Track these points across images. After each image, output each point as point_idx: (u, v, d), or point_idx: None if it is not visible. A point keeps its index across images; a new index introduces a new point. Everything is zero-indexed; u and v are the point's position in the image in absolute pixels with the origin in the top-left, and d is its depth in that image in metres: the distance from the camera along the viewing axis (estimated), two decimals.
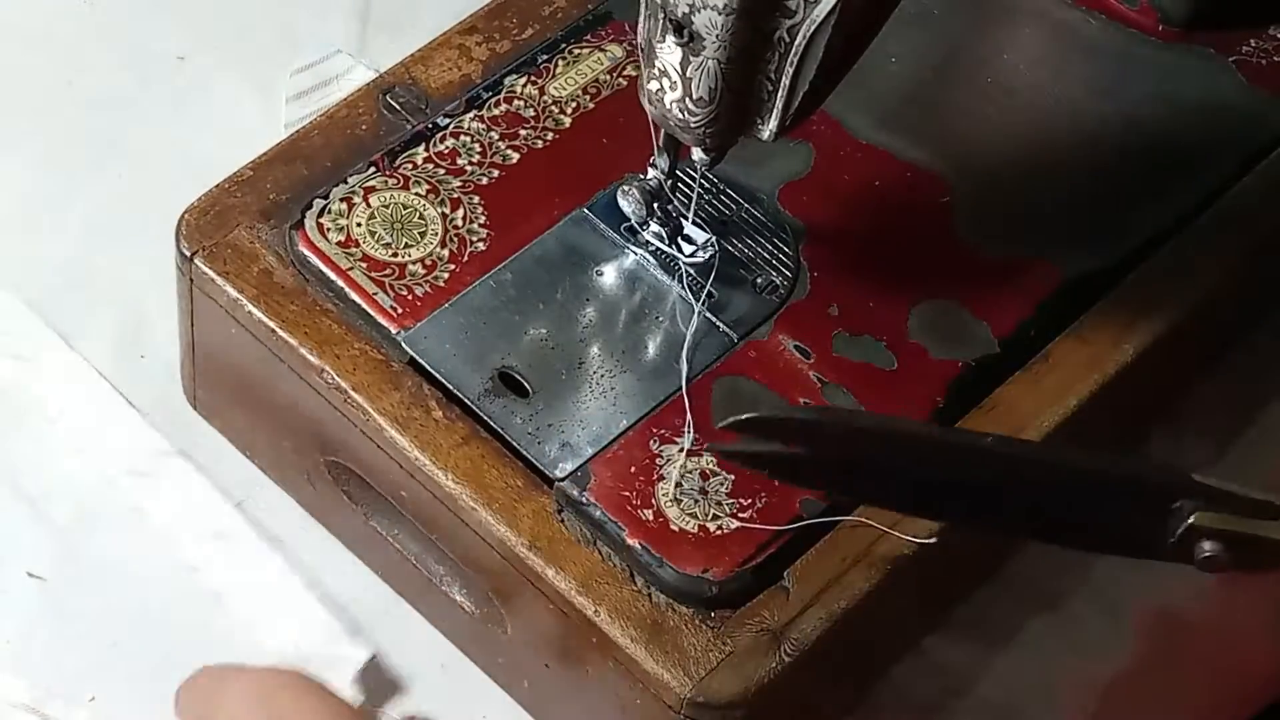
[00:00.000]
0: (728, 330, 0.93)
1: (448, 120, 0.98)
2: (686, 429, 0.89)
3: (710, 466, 0.89)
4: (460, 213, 0.95)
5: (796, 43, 0.82)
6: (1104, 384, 0.95)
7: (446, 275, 0.93)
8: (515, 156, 0.98)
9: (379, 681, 0.95)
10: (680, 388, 0.91)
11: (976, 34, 1.06)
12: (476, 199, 0.96)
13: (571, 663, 0.90)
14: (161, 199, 0.99)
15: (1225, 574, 0.80)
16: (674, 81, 0.85)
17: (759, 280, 0.94)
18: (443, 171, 0.97)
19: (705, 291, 0.94)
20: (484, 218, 0.95)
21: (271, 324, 0.93)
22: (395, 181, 0.96)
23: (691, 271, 0.94)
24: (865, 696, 0.97)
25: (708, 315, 0.93)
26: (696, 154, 0.89)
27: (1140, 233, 0.99)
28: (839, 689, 0.95)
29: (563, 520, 0.89)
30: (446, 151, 0.97)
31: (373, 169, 0.96)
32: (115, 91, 1.13)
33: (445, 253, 0.94)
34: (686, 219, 0.94)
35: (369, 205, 0.95)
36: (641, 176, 0.94)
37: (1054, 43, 1.06)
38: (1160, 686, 1.04)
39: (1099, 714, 1.01)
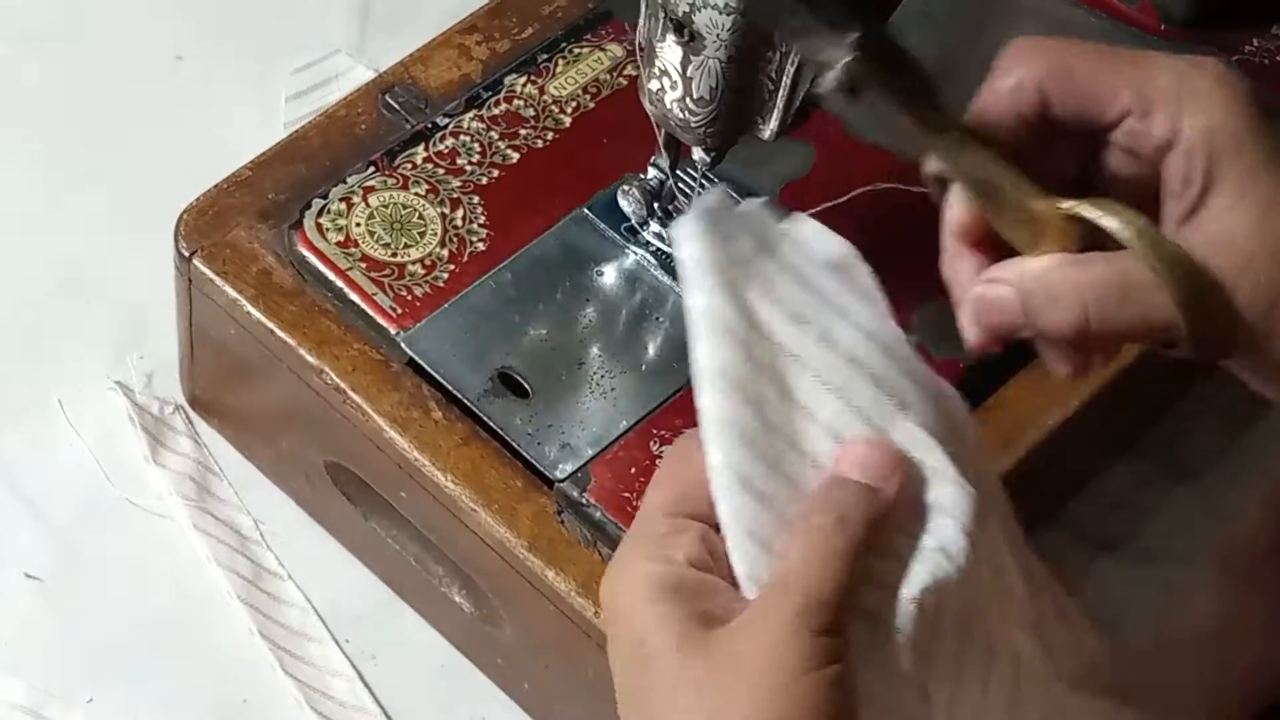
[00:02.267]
0: None
1: (447, 120, 0.98)
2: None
3: None
4: (460, 213, 0.95)
5: None
6: (1106, 384, 0.95)
7: (446, 275, 0.93)
8: (515, 156, 0.97)
9: None
10: (680, 388, 0.91)
11: (978, 33, 1.06)
12: (476, 199, 0.96)
13: (571, 663, 0.90)
14: (160, 199, 0.99)
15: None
16: (674, 81, 0.85)
17: None
18: (442, 171, 0.96)
19: None
20: (484, 218, 0.95)
21: (270, 324, 0.92)
22: (395, 181, 0.96)
23: None
24: None
25: None
26: (697, 154, 0.89)
27: None
28: None
29: (563, 521, 0.88)
30: (446, 151, 0.97)
31: (372, 169, 0.96)
32: (115, 91, 1.13)
33: (445, 253, 0.94)
34: None
35: (368, 205, 0.95)
36: (642, 176, 0.93)
37: None
38: (1161, 685, 1.04)
39: None
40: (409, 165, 0.96)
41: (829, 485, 0.72)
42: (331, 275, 0.93)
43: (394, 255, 0.93)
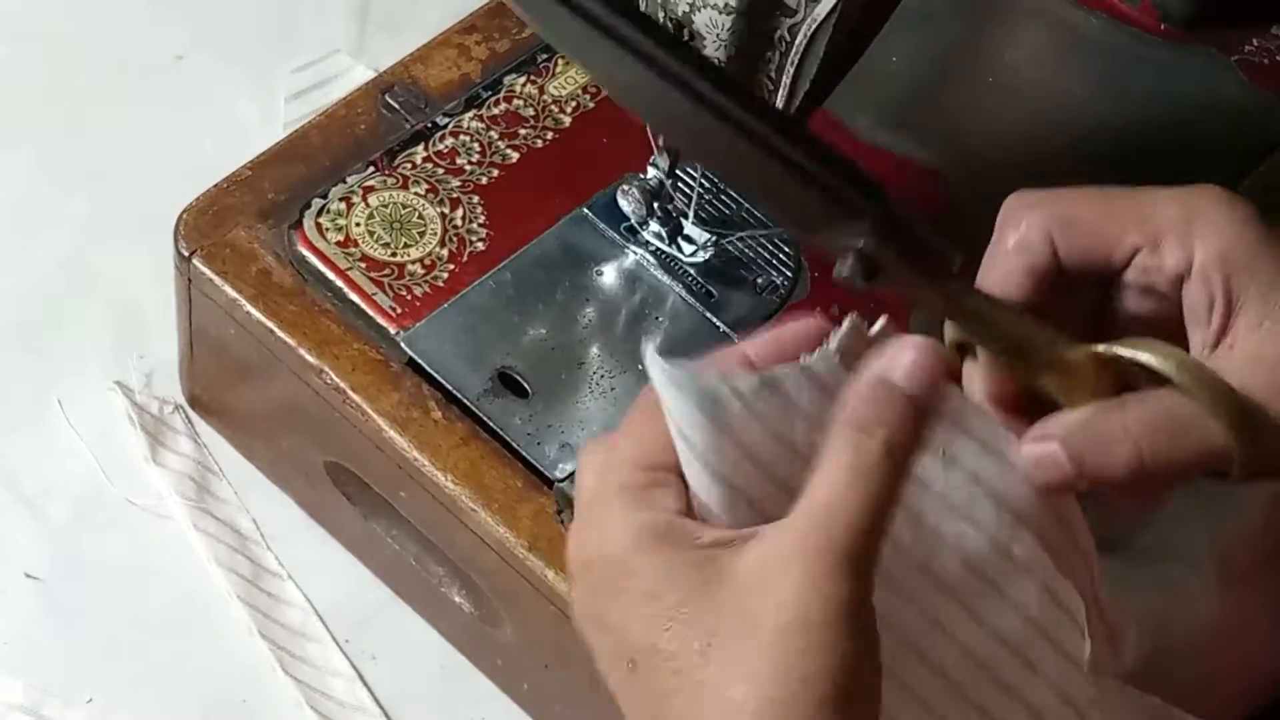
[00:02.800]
0: (728, 330, 0.93)
1: (447, 119, 0.98)
2: None
3: None
4: (460, 212, 0.95)
5: (797, 42, 0.82)
6: None
7: (446, 275, 0.93)
8: (515, 156, 0.97)
9: None
10: None
11: (977, 33, 1.06)
12: (476, 198, 0.96)
13: (571, 663, 0.90)
14: (160, 199, 0.99)
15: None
16: None
17: (759, 280, 0.94)
18: (442, 171, 0.96)
19: (705, 291, 0.93)
20: (483, 217, 0.95)
21: (270, 324, 0.92)
22: (394, 181, 0.96)
23: (691, 271, 0.94)
24: None
25: (708, 315, 0.93)
26: None
27: None
28: None
29: (562, 521, 0.88)
30: (446, 151, 0.97)
31: (371, 168, 0.96)
32: (114, 91, 1.13)
33: (444, 252, 0.94)
34: (687, 219, 0.94)
35: (368, 205, 0.95)
36: (641, 176, 0.93)
37: (1055, 41, 1.05)
38: (1161, 686, 1.04)
39: None
40: (409, 165, 0.96)
41: (876, 393, 0.67)
42: (331, 275, 0.93)
43: (394, 255, 0.93)
